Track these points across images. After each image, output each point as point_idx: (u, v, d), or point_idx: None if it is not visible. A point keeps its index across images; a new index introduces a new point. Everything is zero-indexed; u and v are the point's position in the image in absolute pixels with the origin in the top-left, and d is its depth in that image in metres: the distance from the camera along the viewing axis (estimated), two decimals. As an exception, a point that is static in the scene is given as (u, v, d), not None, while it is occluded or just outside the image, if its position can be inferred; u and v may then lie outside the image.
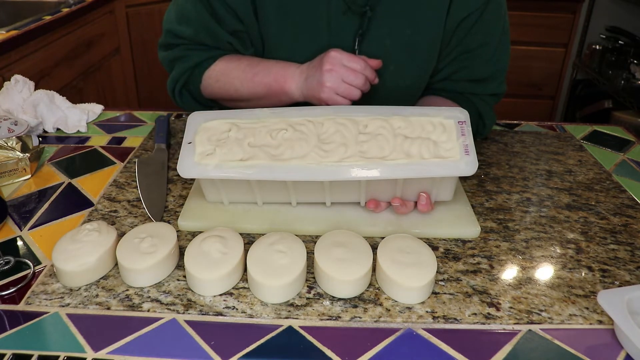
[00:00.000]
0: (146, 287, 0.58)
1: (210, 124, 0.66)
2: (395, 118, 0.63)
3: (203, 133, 0.65)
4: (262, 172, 0.61)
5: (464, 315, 0.55)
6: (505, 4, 0.84)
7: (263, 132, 0.64)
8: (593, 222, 0.71)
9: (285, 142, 0.63)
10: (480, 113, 0.87)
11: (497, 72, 0.86)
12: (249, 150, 0.63)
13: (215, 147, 0.64)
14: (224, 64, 0.83)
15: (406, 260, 0.57)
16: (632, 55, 2.28)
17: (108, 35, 1.97)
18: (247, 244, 0.63)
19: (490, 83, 0.86)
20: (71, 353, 0.49)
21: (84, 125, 0.96)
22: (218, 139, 0.64)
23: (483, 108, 0.87)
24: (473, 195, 0.76)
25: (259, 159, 0.62)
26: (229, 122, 0.66)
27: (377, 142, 0.62)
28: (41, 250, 0.64)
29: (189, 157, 0.64)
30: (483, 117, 0.87)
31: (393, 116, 0.64)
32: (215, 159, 0.63)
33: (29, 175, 0.79)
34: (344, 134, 0.63)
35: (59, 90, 1.01)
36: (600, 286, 0.59)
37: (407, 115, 0.64)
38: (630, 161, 0.89)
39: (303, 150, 0.62)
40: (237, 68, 0.81)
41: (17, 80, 0.96)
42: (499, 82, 0.87)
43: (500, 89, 0.88)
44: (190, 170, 0.63)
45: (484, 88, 0.87)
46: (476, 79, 0.86)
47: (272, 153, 0.62)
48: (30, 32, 1.42)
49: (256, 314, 0.55)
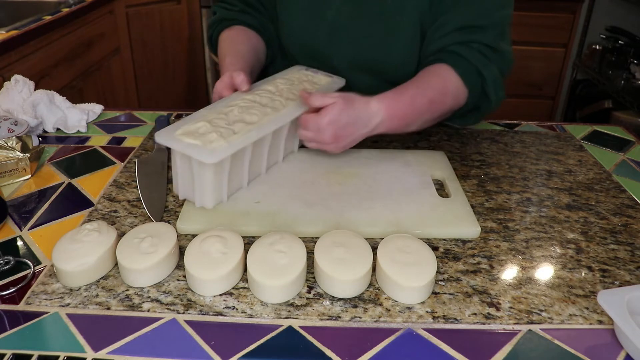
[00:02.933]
0: (146, 287, 0.58)
1: (180, 132, 0.68)
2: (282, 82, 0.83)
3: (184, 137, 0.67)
4: (250, 132, 0.69)
5: (464, 315, 0.55)
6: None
7: (221, 116, 0.71)
8: (593, 222, 0.71)
9: (238, 115, 0.72)
10: (475, 66, 0.80)
11: (493, 24, 0.81)
12: (224, 130, 0.68)
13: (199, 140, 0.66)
14: (224, 36, 0.94)
15: (406, 260, 0.57)
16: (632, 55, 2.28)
17: (108, 35, 1.97)
18: (247, 244, 0.63)
19: (485, 32, 0.80)
20: (71, 353, 0.49)
21: (84, 125, 0.96)
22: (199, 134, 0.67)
23: (477, 58, 0.80)
24: (473, 195, 0.76)
25: (237, 130, 0.69)
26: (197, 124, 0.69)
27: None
28: (41, 250, 0.64)
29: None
30: (481, 71, 0.80)
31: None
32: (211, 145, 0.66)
33: (29, 175, 0.79)
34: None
35: (59, 90, 1.01)
36: (600, 286, 0.59)
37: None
38: (630, 161, 0.89)
39: (254, 117, 0.72)
40: (221, 48, 0.92)
41: (17, 80, 0.96)
42: (496, 34, 0.81)
43: (499, 44, 0.81)
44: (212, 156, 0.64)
45: (475, 35, 0.80)
46: (466, 26, 0.80)
47: (235, 123, 0.71)
48: (30, 32, 1.42)
49: (256, 314, 0.55)
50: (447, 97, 0.80)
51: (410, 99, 0.77)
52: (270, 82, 0.84)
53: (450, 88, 0.80)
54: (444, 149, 0.90)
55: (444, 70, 0.80)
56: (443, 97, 0.80)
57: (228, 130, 0.68)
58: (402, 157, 0.83)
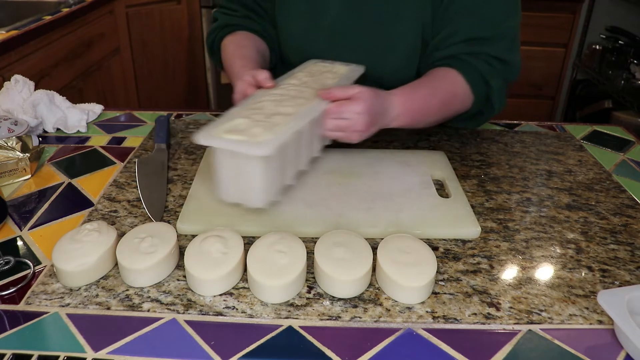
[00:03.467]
0: (146, 287, 0.58)
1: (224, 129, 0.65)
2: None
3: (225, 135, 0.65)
4: (292, 122, 0.66)
5: (464, 315, 0.55)
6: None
7: (256, 111, 0.69)
8: (593, 222, 0.71)
9: (274, 108, 0.70)
10: (482, 75, 0.81)
11: (500, 35, 0.82)
12: (265, 121, 0.66)
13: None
14: (228, 41, 0.93)
15: (406, 260, 0.57)
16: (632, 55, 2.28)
17: (108, 35, 1.97)
18: (247, 244, 0.63)
19: (493, 44, 0.81)
20: (71, 353, 0.49)
21: (84, 125, 0.96)
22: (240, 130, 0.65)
23: (485, 69, 0.81)
24: (473, 195, 0.76)
25: (278, 122, 0.66)
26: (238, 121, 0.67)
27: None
28: (41, 250, 0.64)
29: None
30: (488, 81, 0.81)
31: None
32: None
33: (29, 175, 0.79)
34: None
35: (59, 90, 1.01)
36: (600, 286, 0.59)
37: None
38: (630, 161, 0.89)
39: (289, 108, 0.70)
40: (227, 53, 0.91)
41: (17, 80, 0.96)
42: (505, 46, 0.82)
43: (507, 55, 0.82)
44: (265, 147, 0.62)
45: (484, 47, 0.81)
46: (474, 38, 0.81)
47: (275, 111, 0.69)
48: (30, 32, 1.42)
49: (256, 314, 0.55)
50: (456, 100, 0.82)
51: (424, 97, 0.79)
52: (291, 76, 0.82)
53: (459, 92, 0.82)
54: (444, 149, 0.90)
55: (453, 75, 0.82)
56: (452, 99, 0.81)
57: (268, 123, 0.65)
58: (402, 157, 0.83)
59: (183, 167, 0.83)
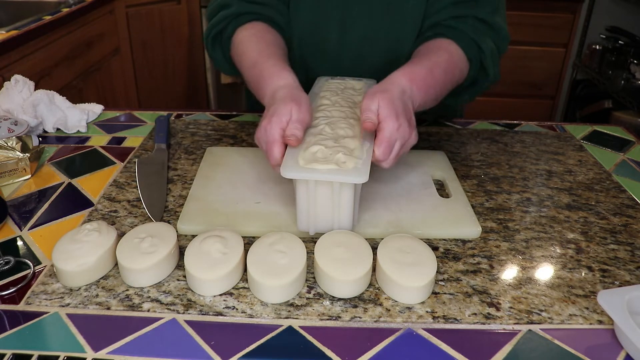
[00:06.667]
0: (146, 287, 0.58)
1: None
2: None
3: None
4: (364, 143, 0.65)
5: (464, 315, 0.55)
6: None
7: (322, 136, 0.67)
8: (593, 222, 0.71)
9: (333, 132, 0.68)
10: (472, 39, 0.81)
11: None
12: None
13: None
14: (248, 33, 0.84)
15: (406, 260, 0.57)
16: (632, 55, 2.28)
17: (108, 35, 1.97)
18: (247, 244, 0.63)
19: (477, 6, 0.82)
20: (71, 353, 0.49)
21: (84, 125, 0.96)
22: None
23: (473, 32, 0.81)
24: (473, 195, 0.76)
25: (349, 145, 0.65)
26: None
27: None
28: (41, 250, 0.64)
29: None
30: (479, 44, 0.81)
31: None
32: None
33: (29, 175, 0.79)
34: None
35: (59, 90, 1.01)
36: (600, 286, 0.59)
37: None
38: (630, 161, 0.89)
39: (348, 130, 0.68)
40: (249, 49, 0.81)
41: (17, 80, 0.96)
42: (489, 9, 0.83)
43: (491, 17, 0.82)
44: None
45: (468, 9, 0.82)
46: (460, 1, 0.82)
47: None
48: (30, 32, 1.42)
49: (256, 314, 0.55)
50: (456, 69, 0.81)
51: (428, 70, 0.75)
52: (318, 96, 0.77)
53: (456, 60, 0.81)
54: (444, 149, 0.90)
55: (447, 43, 0.81)
56: (453, 68, 0.80)
57: (344, 148, 0.63)
58: (402, 157, 0.83)
59: (183, 167, 0.83)
